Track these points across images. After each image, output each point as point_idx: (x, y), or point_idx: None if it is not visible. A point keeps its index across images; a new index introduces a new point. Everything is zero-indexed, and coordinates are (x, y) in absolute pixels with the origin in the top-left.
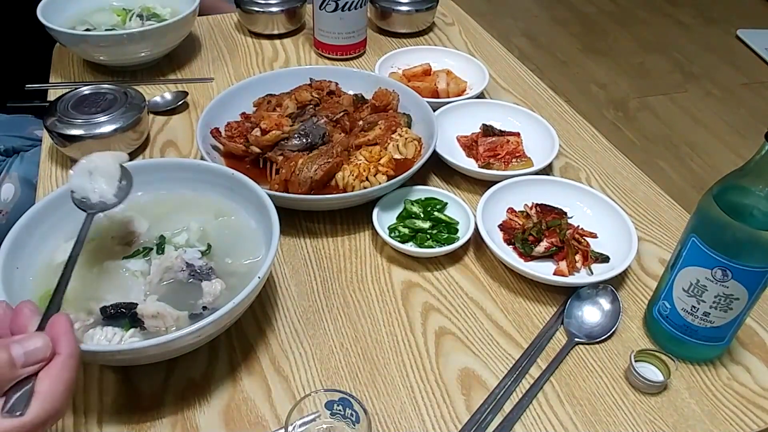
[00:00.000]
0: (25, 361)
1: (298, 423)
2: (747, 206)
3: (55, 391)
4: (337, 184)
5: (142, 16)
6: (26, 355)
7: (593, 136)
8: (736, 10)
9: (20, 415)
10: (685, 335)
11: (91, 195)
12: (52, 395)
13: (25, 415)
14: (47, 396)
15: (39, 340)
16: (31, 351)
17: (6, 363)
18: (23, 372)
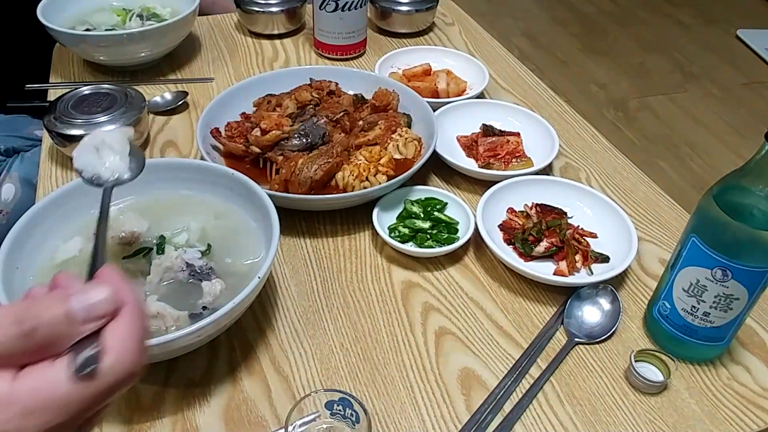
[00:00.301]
0: (86, 316)
1: (298, 423)
2: (747, 206)
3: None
4: (337, 184)
5: (142, 16)
6: (88, 310)
7: (593, 136)
8: (736, 10)
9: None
10: (685, 335)
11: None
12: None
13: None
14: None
15: (102, 291)
16: (93, 304)
17: (63, 319)
18: (85, 329)
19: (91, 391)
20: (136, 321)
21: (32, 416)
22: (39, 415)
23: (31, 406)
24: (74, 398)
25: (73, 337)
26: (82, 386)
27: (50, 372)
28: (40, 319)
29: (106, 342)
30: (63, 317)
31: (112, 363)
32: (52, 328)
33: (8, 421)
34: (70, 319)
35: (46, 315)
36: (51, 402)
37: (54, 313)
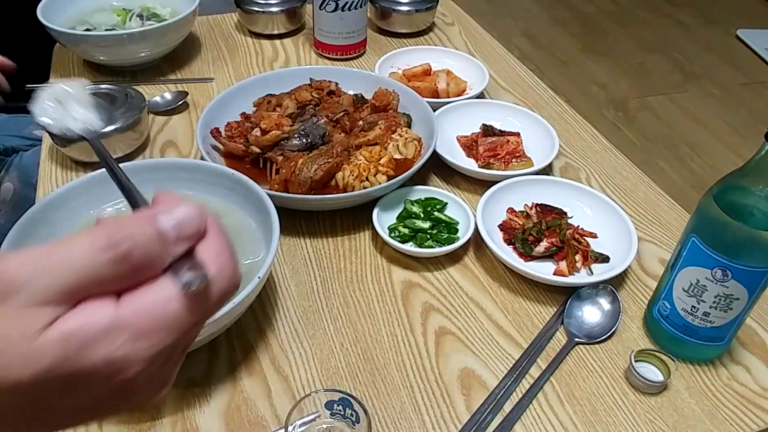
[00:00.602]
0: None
1: (298, 423)
2: (747, 206)
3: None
4: (337, 184)
5: (142, 16)
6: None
7: (593, 136)
8: (736, 10)
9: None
10: (685, 335)
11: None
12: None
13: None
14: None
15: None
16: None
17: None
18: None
19: (200, 307)
20: (223, 236)
21: (144, 339)
22: (151, 337)
23: (143, 329)
24: (184, 316)
25: (167, 257)
26: (192, 302)
27: (156, 293)
28: (133, 241)
29: (202, 258)
30: (156, 237)
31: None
32: (147, 249)
33: (120, 347)
34: (162, 238)
35: (139, 236)
36: (162, 322)
37: (146, 233)
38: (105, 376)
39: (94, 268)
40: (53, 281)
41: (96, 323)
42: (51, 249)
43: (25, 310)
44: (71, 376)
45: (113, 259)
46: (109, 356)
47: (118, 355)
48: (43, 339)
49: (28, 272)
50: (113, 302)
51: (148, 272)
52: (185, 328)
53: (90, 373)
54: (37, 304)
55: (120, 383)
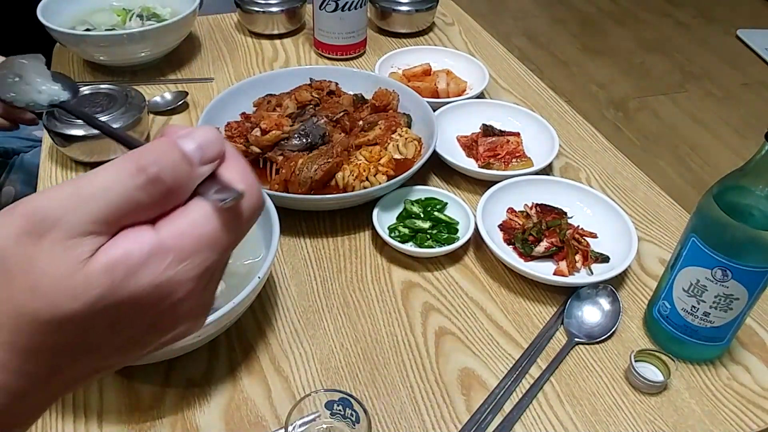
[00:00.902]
0: (202, 156)
1: (298, 423)
2: (747, 206)
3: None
4: (337, 184)
5: (142, 16)
6: (202, 149)
7: (593, 136)
8: (736, 10)
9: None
10: (685, 335)
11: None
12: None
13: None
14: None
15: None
16: (205, 143)
17: (182, 160)
18: (204, 171)
19: (236, 223)
20: (242, 158)
21: (188, 260)
22: (194, 257)
23: (185, 250)
24: (223, 233)
25: (195, 179)
26: (228, 219)
27: (191, 213)
28: (161, 164)
29: (227, 178)
30: (182, 159)
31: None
32: (176, 171)
33: (165, 270)
34: (188, 160)
35: (166, 159)
36: (203, 241)
37: (173, 156)
38: (153, 302)
39: (127, 193)
40: (89, 211)
41: (139, 249)
42: (81, 181)
43: (66, 243)
44: (120, 304)
45: (144, 182)
46: (155, 280)
47: (165, 278)
48: (88, 270)
49: (62, 206)
50: (151, 228)
51: (179, 195)
52: (224, 245)
53: (138, 299)
54: (76, 236)
55: (167, 308)
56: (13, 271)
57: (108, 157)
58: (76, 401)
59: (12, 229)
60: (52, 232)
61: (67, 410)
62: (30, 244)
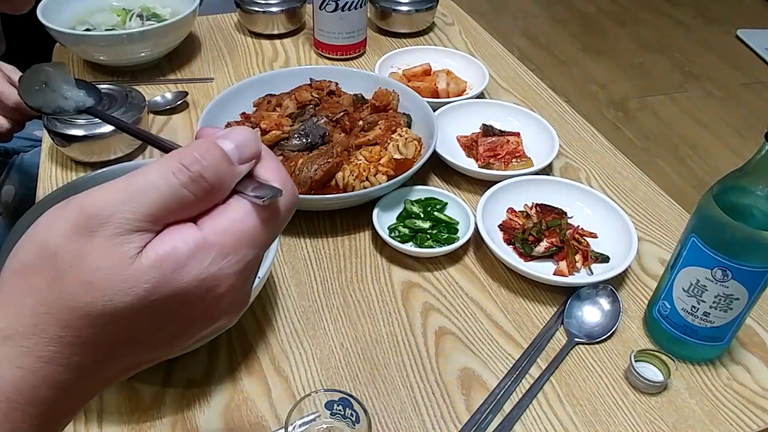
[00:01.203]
0: (240, 155)
1: (298, 423)
2: (747, 206)
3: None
4: (337, 184)
5: (142, 16)
6: (240, 148)
7: (593, 136)
8: (736, 10)
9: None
10: (685, 335)
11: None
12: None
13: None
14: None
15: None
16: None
17: (222, 158)
18: (242, 169)
19: (274, 219)
20: (276, 158)
21: (230, 256)
22: (236, 253)
23: (228, 246)
24: (261, 230)
25: (234, 178)
26: (266, 216)
27: (232, 211)
28: (204, 163)
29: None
30: (223, 157)
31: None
32: (217, 170)
33: (210, 265)
34: (228, 159)
35: (208, 158)
36: (244, 237)
37: (214, 155)
38: (198, 296)
39: (172, 189)
40: (137, 208)
41: (185, 245)
42: (128, 180)
43: (116, 239)
44: (168, 298)
45: (188, 180)
46: (200, 275)
47: (209, 273)
48: (138, 264)
49: (112, 203)
50: (195, 225)
51: (220, 193)
52: (263, 241)
53: (184, 293)
54: (126, 233)
55: (211, 302)
56: (65, 266)
57: (108, 157)
58: None
59: (64, 225)
60: (102, 229)
61: None
62: (82, 240)
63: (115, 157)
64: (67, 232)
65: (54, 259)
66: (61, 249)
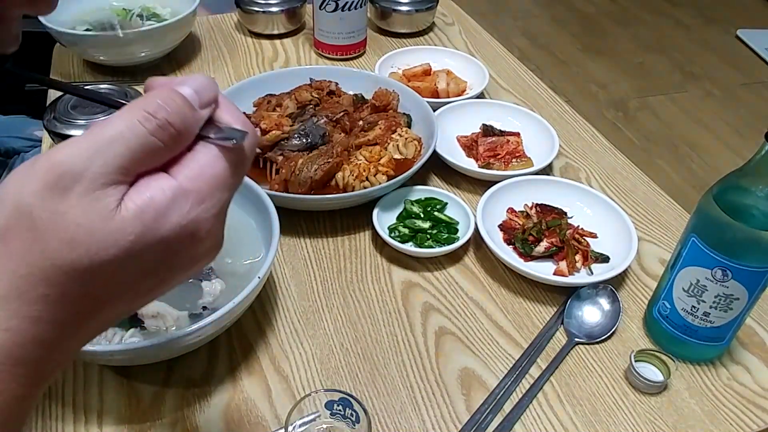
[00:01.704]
0: (201, 100)
1: (298, 423)
2: (747, 206)
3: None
4: (337, 184)
5: (142, 16)
6: (200, 93)
7: (593, 136)
8: (736, 10)
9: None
10: (685, 335)
11: None
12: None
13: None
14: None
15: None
16: (202, 87)
17: (185, 104)
18: (203, 114)
19: (240, 161)
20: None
21: (206, 200)
22: (212, 196)
23: (203, 191)
24: (231, 172)
25: (198, 122)
26: (234, 159)
27: (201, 156)
28: (167, 110)
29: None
30: (185, 103)
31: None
32: (181, 115)
33: (190, 211)
34: (189, 104)
35: (170, 104)
36: (217, 181)
37: (176, 101)
38: (180, 242)
39: (140, 139)
40: (108, 161)
41: (162, 193)
42: (95, 133)
43: (92, 194)
44: (152, 247)
45: (155, 127)
46: (181, 221)
47: (189, 219)
48: (120, 217)
49: (82, 158)
50: (167, 174)
51: (185, 138)
52: (234, 183)
53: (167, 240)
54: (101, 187)
55: (192, 246)
56: (43, 226)
57: None
58: (76, 401)
59: (36, 185)
60: (77, 186)
61: (67, 410)
62: (56, 198)
63: None
64: (40, 191)
65: (30, 219)
66: (36, 209)
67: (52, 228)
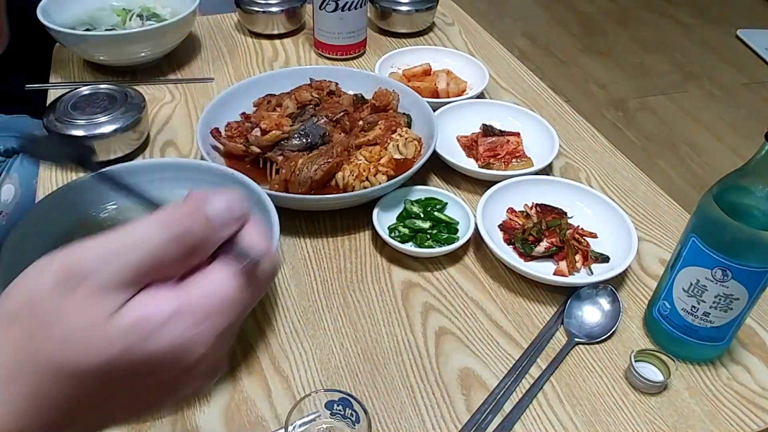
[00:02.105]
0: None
1: (298, 423)
2: (747, 206)
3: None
4: (337, 184)
5: (142, 16)
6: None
7: (593, 136)
8: (736, 10)
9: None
10: (685, 335)
11: None
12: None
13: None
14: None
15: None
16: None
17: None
18: (226, 233)
19: (253, 286)
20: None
21: (207, 321)
22: (213, 319)
23: (205, 311)
24: (240, 295)
25: (216, 240)
26: (247, 281)
27: (212, 275)
28: (186, 223)
29: (248, 241)
30: (206, 219)
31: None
32: (200, 231)
33: (185, 331)
34: (211, 221)
35: (191, 219)
36: (222, 303)
37: (197, 216)
38: (170, 362)
39: (154, 249)
40: (119, 266)
41: (160, 310)
42: (112, 237)
43: (95, 296)
44: (138, 362)
45: (170, 239)
46: (174, 341)
47: (183, 339)
48: (114, 325)
49: (94, 260)
50: (174, 288)
51: (201, 254)
52: (242, 307)
53: (157, 358)
54: (106, 290)
55: (183, 369)
56: (46, 321)
57: (108, 157)
58: None
59: (49, 279)
60: (83, 286)
61: None
62: (63, 295)
63: (115, 157)
64: (50, 287)
65: (35, 312)
66: (43, 303)
67: (52, 324)
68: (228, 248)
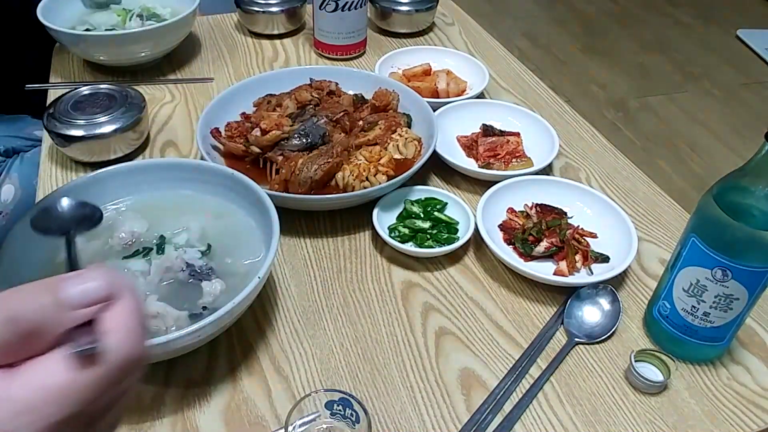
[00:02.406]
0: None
1: (298, 423)
2: (747, 206)
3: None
4: (337, 184)
5: (142, 16)
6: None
7: (593, 136)
8: (736, 10)
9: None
10: (685, 335)
11: None
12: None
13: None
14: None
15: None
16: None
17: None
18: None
19: (94, 378)
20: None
21: (33, 412)
22: (40, 410)
23: (31, 402)
24: (76, 387)
25: (62, 324)
26: (84, 373)
27: (46, 362)
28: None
29: (104, 326)
30: (50, 302)
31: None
32: (38, 314)
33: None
34: (58, 304)
35: (31, 301)
36: (51, 394)
37: (40, 298)
38: None
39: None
40: None
41: None
42: None
43: None
44: None
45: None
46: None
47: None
48: None
49: None
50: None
51: (41, 339)
52: (80, 400)
53: None
54: None
55: None
56: None
57: (108, 157)
58: None
59: None
60: None
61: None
62: None
63: (115, 157)
64: None
65: None
66: None
67: None
68: (78, 332)
